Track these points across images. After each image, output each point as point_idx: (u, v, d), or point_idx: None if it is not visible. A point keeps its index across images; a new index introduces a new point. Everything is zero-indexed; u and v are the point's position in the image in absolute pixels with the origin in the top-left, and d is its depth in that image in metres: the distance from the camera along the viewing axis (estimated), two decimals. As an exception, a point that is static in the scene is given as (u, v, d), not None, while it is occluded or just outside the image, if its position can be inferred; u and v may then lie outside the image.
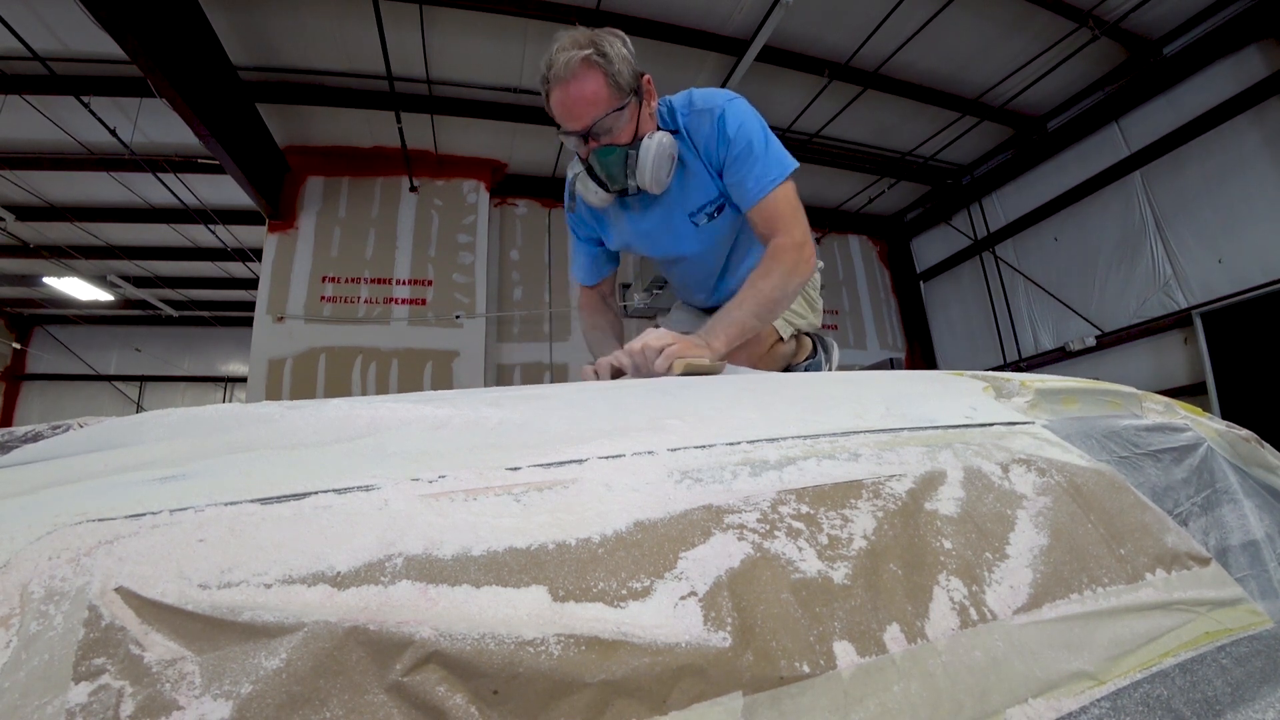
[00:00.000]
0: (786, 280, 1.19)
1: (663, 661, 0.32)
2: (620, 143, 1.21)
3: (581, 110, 1.15)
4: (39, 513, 0.33)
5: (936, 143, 5.56)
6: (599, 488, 0.41)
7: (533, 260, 5.78)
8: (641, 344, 1.06)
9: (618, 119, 1.18)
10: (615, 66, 1.14)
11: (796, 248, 1.20)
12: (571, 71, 1.12)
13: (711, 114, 1.25)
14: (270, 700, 0.27)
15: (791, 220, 1.23)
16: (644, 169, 1.21)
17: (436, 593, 0.32)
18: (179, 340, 9.68)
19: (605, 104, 1.15)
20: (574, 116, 1.17)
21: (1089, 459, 0.59)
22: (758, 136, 1.24)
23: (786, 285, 1.19)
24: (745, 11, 4.03)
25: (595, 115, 1.15)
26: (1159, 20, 4.30)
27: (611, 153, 1.21)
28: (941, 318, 6.85)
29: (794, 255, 1.20)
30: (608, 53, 1.14)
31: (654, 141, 1.21)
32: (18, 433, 0.57)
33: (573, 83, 1.13)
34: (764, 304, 1.18)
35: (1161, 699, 0.42)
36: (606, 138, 1.20)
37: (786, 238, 1.21)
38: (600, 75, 1.14)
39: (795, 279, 1.20)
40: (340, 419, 0.49)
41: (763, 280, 1.18)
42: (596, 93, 1.14)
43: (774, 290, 1.18)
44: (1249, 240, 4.14)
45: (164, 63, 3.22)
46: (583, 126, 1.17)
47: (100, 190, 5.61)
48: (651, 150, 1.20)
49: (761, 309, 1.18)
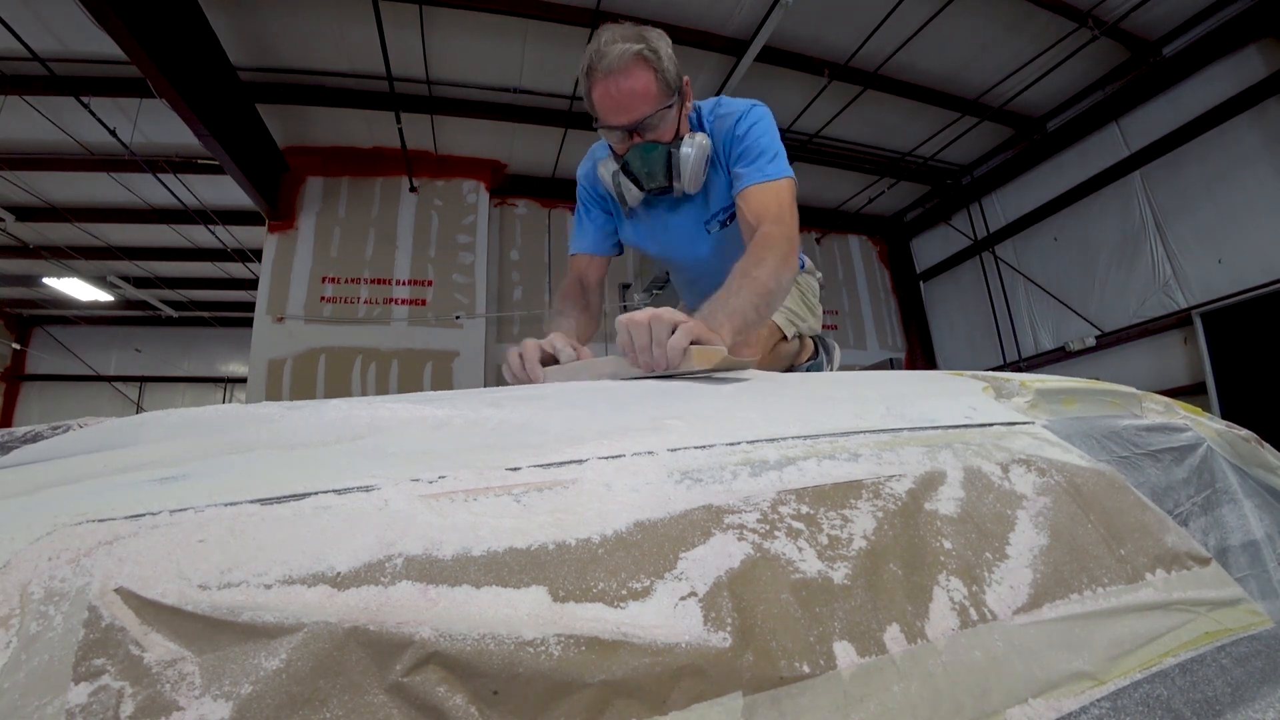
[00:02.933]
0: (779, 268, 1.09)
1: (663, 661, 0.32)
2: (663, 140, 1.21)
3: (631, 104, 1.14)
4: (39, 513, 0.33)
5: (936, 143, 5.56)
6: (599, 488, 0.41)
7: (533, 260, 5.78)
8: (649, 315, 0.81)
9: (664, 117, 1.18)
10: (664, 64, 1.14)
11: (785, 239, 1.14)
12: (624, 65, 1.11)
13: (732, 116, 1.26)
14: (270, 701, 0.27)
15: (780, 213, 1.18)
16: (685, 168, 1.22)
17: (436, 593, 0.32)
18: (179, 341, 9.68)
19: (655, 101, 1.15)
20: (622, 110, 1.15)
21: (1089, 459, 0.59)
22: (767, 139, 1.24)
23: (781, 274, 1.09)
24: (745, 11, 4.03)
25: (644, 111, 1.15)
26: (1159, 20, 4.30)
27: (654, 149, 1.21)
28: (941, 318, 6.85)
29: (784, 246, 1.12)
30: (658, 50, 1.14)
31: (694, 142, 1.22)
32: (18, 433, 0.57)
33: (624, 76, 1.12)
34: (762, 294, 1.05)
35: (1161, 699, 0.42)
36: (651, 135, 1.20)
37: (775, 227, 1.15)
38: (651, 71, 1.13)
39: (786, 270, 1.11)
40: (340, 419, 0.49)
41: (757, 269, 1.06)
42: (647, 88, 1.14)
43: (769, 279, 1.07)
44: (1249, 240, 4.14)
45: (164, 63, 3.22)
46: (631, 121, 1.16)
47: (100, 190, 5.61)
48: (694, 150, 1.21)
49: (759, 300, 1.05)
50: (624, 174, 1.28)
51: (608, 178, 1.32)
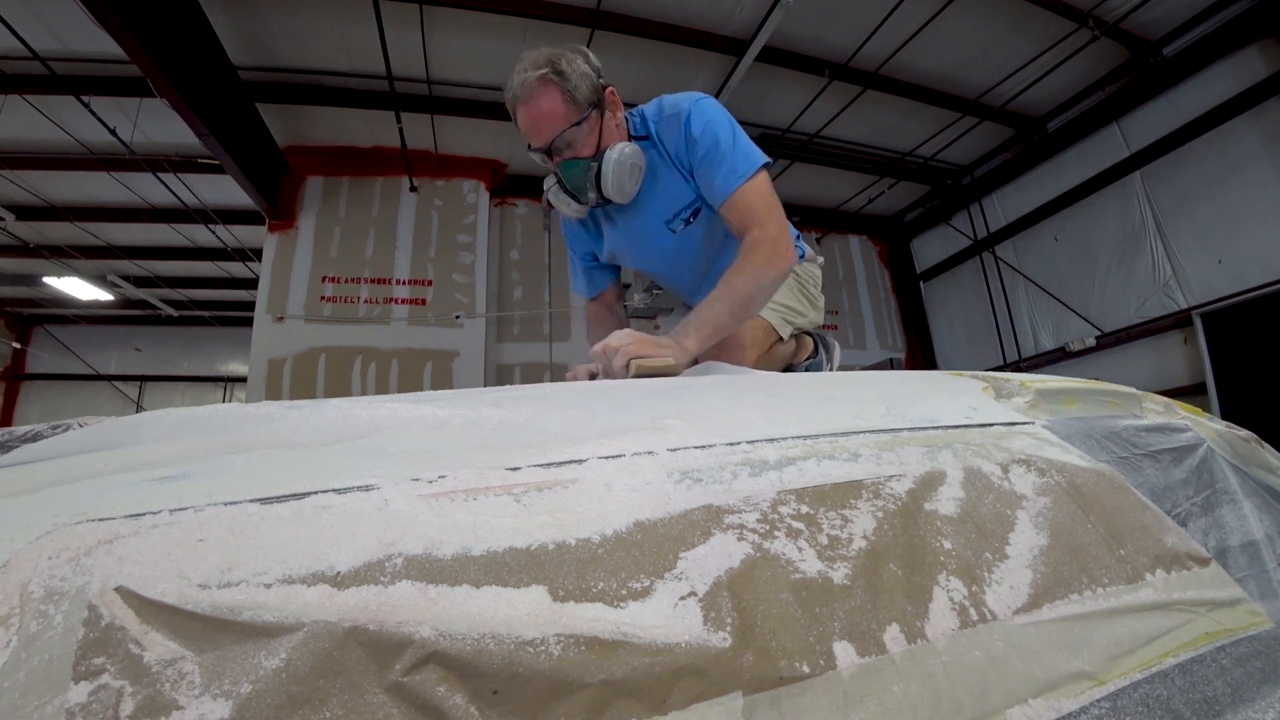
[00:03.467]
0: (761, 274, 1.15)
1: (663, 661, 0.32)
2: (583, 155, 1.23)
3: (541, 126, 1.19)
4: (39, 513, 0.33)
5: (936, 143, 5.56)
6: (599, 488, 0.41)
7: (533, 260, 5.78)
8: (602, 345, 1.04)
9: (578, 133, 1.20)
10: (572, 83, 1.17)
11: (771, 241, 1.17)
12: (528, 91, 1.16)
13: (678, 117, 1.25)
14: (270, 700, 0.27)
15: (765, 214, 1.20)
16: (606, 179, 1.23)
17: (436, 593, 0.32)
18: (179, 340, 9.68)
19: (563, 119, 1.18)
20: (535, 133, 1.20)
21: (1089, 459, 0.59)
22: (724, 133, 1.22)
23: (762, 279, 1.16)
24: (745, 11, 4.03)
25: (554, 131, 1.18)
26: (1159, 20, 4.30)
27: (574, 166, 1.23)
28: (941, 318, 6.85)
29: (769, 249, 1.16)
30: (564, 70, 1.16)
31: (615, 152, 1.22)
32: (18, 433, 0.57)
33: (530, 101, 1.17)
34: (738, 301, 1.14)
35: (1161, 699, 0.42)
36: (569, 152, 1.22)
37: (760, 231, 1.18)
38: (557, 92, 1.16)
39: (771, 272, 1.16)
40: (340, 419, 0.49)
41: (736, 277, 1.15)
42: (554, 109, 1.17)
43: (748, 286, 1.15)
44: (1249, 240, 4.14)
45: (164, 62, 3.22)
46: (544, 142, 1.20)
47: (100, 190, 5.61)
48: (612, 161, 1.22)
49: (736, 306, 1.14)
50: (561, 189, 1.31)
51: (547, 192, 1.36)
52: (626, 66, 4.39)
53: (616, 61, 4.34)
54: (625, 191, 1.26)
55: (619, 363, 1.01)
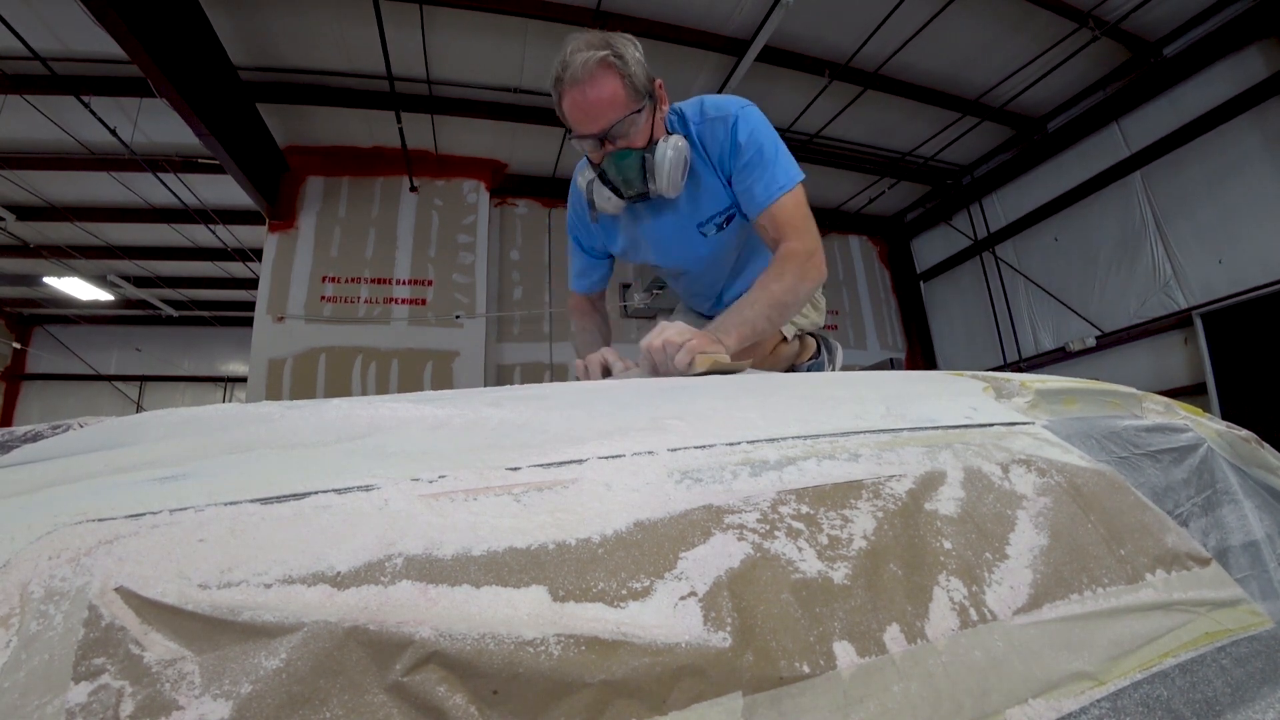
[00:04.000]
0: (798, 284, 1.17)
1: (663, 661, 0.32)
2: (636, 146, 1.19)
3: (599, 113, 1.13)
4: (39, 513, 0.33)
5: (937, 143, 5.56)
6: (599, 488, 0.41)
7: (533, 260, 5.78)
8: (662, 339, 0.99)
9: (634, 122, 1.16)
10: (631, 69, 1.13)
11: (807, 254, 1.19)
12: (589, 73, 1.10)
13: (725, 121, 1.23)
14: (270, 700, 0.27)
15: (803, 227, 1.21)
16: (661, 172, 1.19)
17: (436, 593, 0.32)
18: (179, 340, 9.68)
19: (623, 107, 1.13)
20: (591, 119, 1.14)
21: (1089, 459, 0.59)
22: (769, 144, 1.22)
23: (798, 290, 1.18)
24: (745, 11, 4.03)
25: (613, 118, 1.13)
26: (1159, 21, 4.30)
27: (628, 156, 1.19)
28: (941, 318, 6.85)
29: (804, 261, 1.18)
30: (624, 55, 1.12)
31: (669, 144, 1.19)
32: (18, 433, 0.57)
33: (590, 85, 1.11)
34: (775, 306, 1.16)
35: (1161, 699, 0.41)
36: (623, 141, 1.18)
37: (798, 243, 1.19)
38: (617, 77, 1.12)
39: (806, 284, 1.19)
40: (340, 419, 0.49)
41: (775, 282, 1.16)
42: (615, 95, 1.12)
43: (785, 294, 1.16)
44: (1249, 240, 4.14)
45: (164, 62, 3.22)
46: (600, 129, 1.15)
47: (100, 190, 5.61)
48: (668, 153, 1.19)
49: (773, 311, 1.16)
50: (601, 182, 1.27)
51: (584, 186, 1.32)
52: (626, 66, 4.39)
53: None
54: (676, 186, 1.23)
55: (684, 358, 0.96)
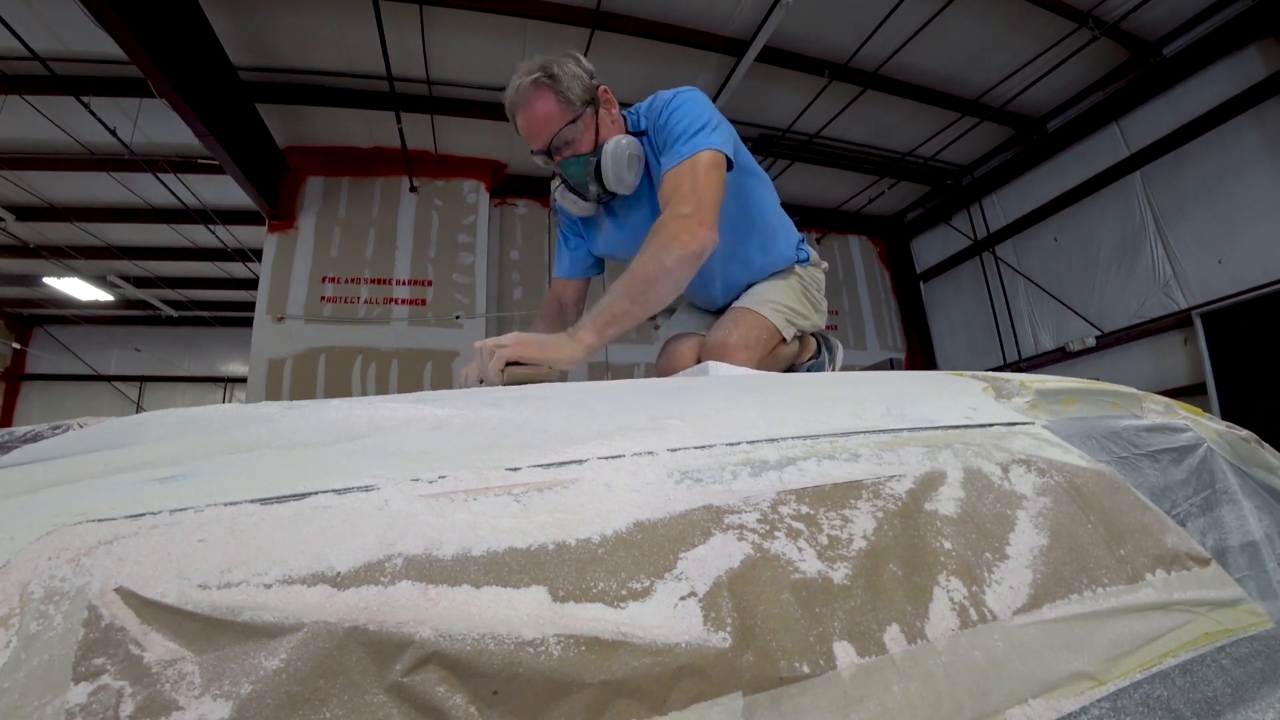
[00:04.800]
0: (661, 255, 1.07)
1: (663, 662, 0.32)
2: (582, 152, 1.26)
3: (538, 128, 1.23)
4: (39, 513, 0.33)
5: (936, 143, 5.56)
6: (599, 488, 0.41)
7: (533, 260, 5.78)
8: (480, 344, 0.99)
9: (574, 131, 1.23)
10: (564, 84, 1.20)
11: (678, 219, 1.09)
12: (523, 96, 1.21)
13: (657, 109, 1.27)
14: (270, 700, 0.27)
15: (686, 194, 1.13)
16: (606, 171, 1.26)
17: (436, 593, 0.32)
18: (179, 340, 9.68)
19: (558, 119, 1.22)
20: (533, 135, 1.24)
21: (1089, 459, 0.59)
22: (686, 119, 1.20)
23: (663, 259, 1.07)
24: (745, 11, 4.03)
25: (551, 131, 1.22)
26: (1159, 20, 4.30)
27: (575, 163, 1.27)
28: (941, 318, 6.85)
29: (673, 228, 1.09)
30: (556, 73, 1.20)
31: (612, 144, 1.25)
32: (18, 433, 0.57)
33: (526, 106, 1.21)
34: (637, 285, 1.06)
35: (1161, 699, 0.41)
36: (568, 150, 1.26)
37: (670, 211, 1.12)
38: (550, 94, 1.20)
39: (674, 251, 1.07)
40: (340, 419, 0.49)
41: (637, 260, 1.08)
42: (549, 111, 1.21)
43: (648, 266, 1.07)
44: (1249, 240, 4.14)
45: (164, 62, 3.22)
46: (542, 143, 1.24)
47: (100, 190, 5.61)
48: (609, 153, 1.25)
49: (635, 290, 1.06)
50: (566, 189, 1.35)
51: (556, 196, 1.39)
52: (627, 67, 4.39)
53: (617, 62, 4.34)
54: (626, 182, 1.28)
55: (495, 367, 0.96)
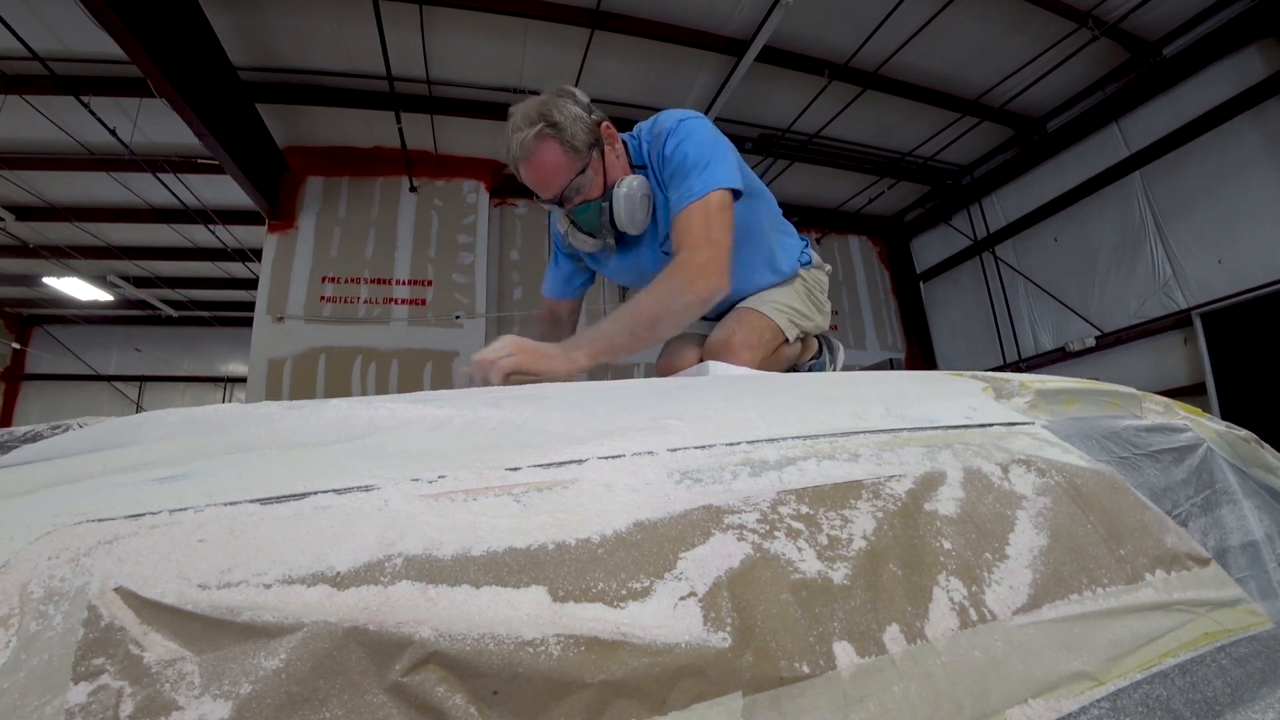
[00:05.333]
0: (672, 298, 1.10)
1: (662, 662, 0.32)
2: (592, 198, 1.25)
3: (547, 181, 1.21)
4: (39, 513, 0.33)
5: (936, 143, 5.56)
6: (599, 488, 0.41)
7: (533, 260, 5.78)
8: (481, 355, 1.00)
9: (583, 179, 1.22)
10: (568, 132, 1.17)
11: (696, 266, 1.11)
12: (527, 150, 1.17)
13: (660, 138, 1.25)
14: (270, 700, 0.27)
15: (701, 237, 1.14)
16: (619, 216, 1.25)
17: (436, 593, 0.32)
18: (179, 340, 9.67)
19: (567, 170, 1.20)
20: (543, 187, 1.22)
21: (1089, 459, 0.59)
22: (693, 153, 1.20)
23: (672, 303, 1.10)
24: (745, 12, 4.02)
25: (561, 184, 1.21)
26: (1159, 21, 4.30)
27: (586, 210, 1.26)
28: (941, 318, 6.85)
29: (688, 272, 1.11)
30: (558, 121, 1.17)
31: (625, 188, 1.24)
32: (17, 433, 0.57)
33: (532, 159, 1.18)
34: (643, 322, 1.10)
35: (1161, 699, 0.41)
36: (578, 197, 1.24)
37: (687, 254, 1.13)
38: (555, 144, 1.18)
39: (686, 296, 1.10)
40: (340, 419, 0.49)
41: (647, 296, 1.10)
42: (556, 163, 1.19)
43: (655, 306, 1.10)
44: (1249, 240, 4.14)
45: (164, 62, 3.22)
46: (553, 195, 1.23)
47: (100, 190, 5.61)
48: (622, 198, 1.24)
49: (639, 327, 1.10)
50: (576, 229, 1.33)
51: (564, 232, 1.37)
52: (627, 67, 4.39)
53: (616, 62, 4.34)
54: (638, 223, 1.28)
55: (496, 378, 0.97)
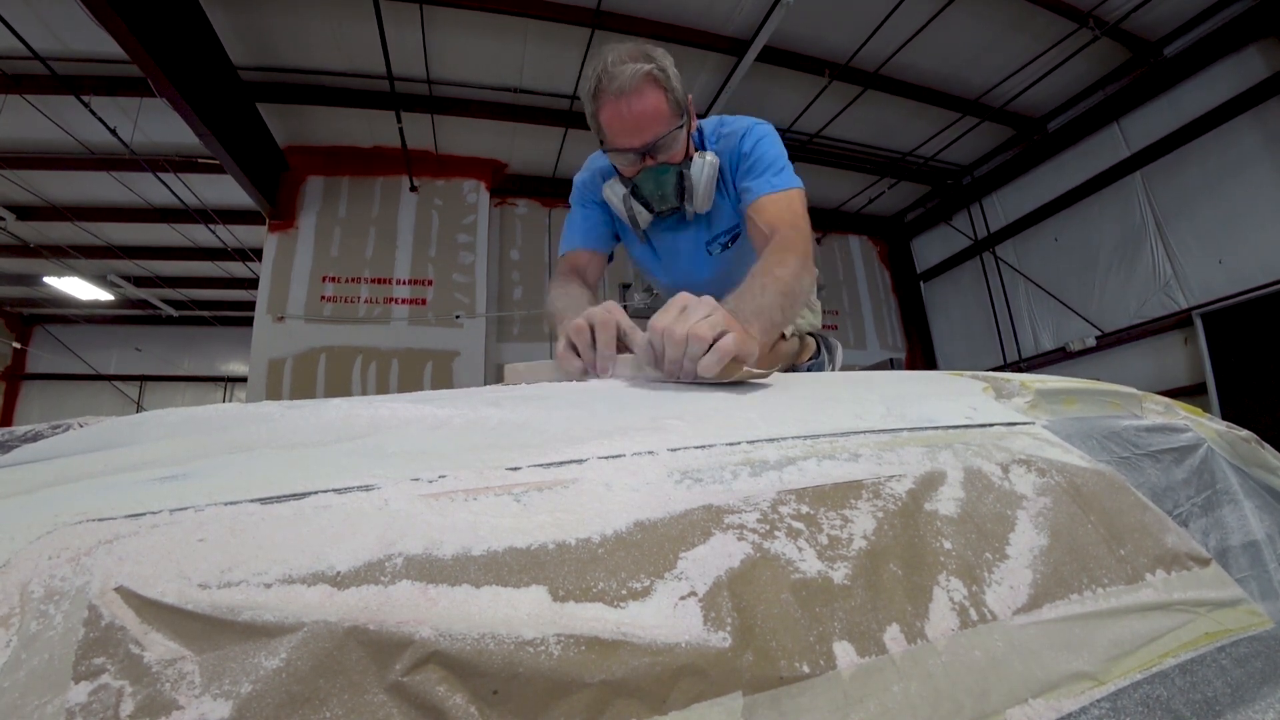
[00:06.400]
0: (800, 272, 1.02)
1: (663, 661, 0.32)
2: (675, 162, 1.19)
3: (643, 126, 1.11)
4: (39, 512, 0.33)
5: (937, 143, 5.56)
6: (599, 488, 0.41)
7: (533, 260, 5.78)
8: (686, 329, 0.68)
9: (676, 138, 1.15)
10: (673, 84, 1.12)
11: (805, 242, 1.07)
12: (635, 86, 1.08)
13: (735, 134, 1.25)
14: (270, 700, 0.27)
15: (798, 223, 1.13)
16: (698, 189, 1.21)
17: (436, 593, 0.32)
18: (179, 340, 9.68)
19: (666, 121, 1.12)
20: (634, 132, 1.12)
21: (1089, 459, 0.59)
22: (772, 152, 1.21)
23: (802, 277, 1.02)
24: (745, 12, 4.03)
25: (658, 132, 1.12)
26: (1160, 21, 4.30)
27: (666, 171, 1.19)
28: (941, 318, 6.85)
29: (804, 248, 1.06)
30: (667, 69, 1.11)
31: (706, 161, 1.20)
32: (18, 432, 0.57)
33: (635, 97, 1.09)
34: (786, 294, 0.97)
35: (1161, 700, 0.41)
36: (663, 156, 1.17)
37: (794, 231, 1.09)
38: (661, 91, 1.10)
39: (807, 275, 1.05)
40: (340, 419, 0.49)
41: (780, 268, 0.99)
42: (659, 109, 1.11)
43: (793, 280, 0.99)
44: (1249, 241, 4.14)
45: (164, 62, 3.22)
46: (643, 143, 1.13)
47: (100, 190, 5.61)
48: (705, 170, 1.20)
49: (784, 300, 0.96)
50: (634, 197, 1.24)
51: (616, 201, 1.28)
52: (627, 66, 4.40)
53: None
54: (709, 202, 1.24)
55: (710, 364, 0.66)
